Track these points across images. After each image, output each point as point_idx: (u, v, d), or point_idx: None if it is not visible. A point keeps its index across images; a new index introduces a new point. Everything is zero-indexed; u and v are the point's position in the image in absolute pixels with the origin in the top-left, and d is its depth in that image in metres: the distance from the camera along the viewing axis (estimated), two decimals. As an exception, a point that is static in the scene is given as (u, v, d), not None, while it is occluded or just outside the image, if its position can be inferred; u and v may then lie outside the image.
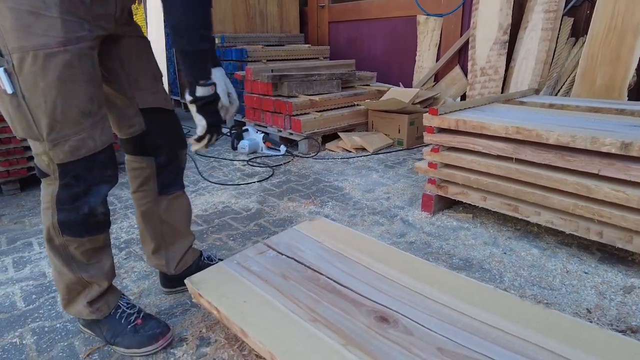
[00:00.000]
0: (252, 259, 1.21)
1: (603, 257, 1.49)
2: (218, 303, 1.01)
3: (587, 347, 0.84)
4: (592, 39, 2.58)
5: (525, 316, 0.93)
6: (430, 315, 0.95)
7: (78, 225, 0.95)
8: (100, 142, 0.92)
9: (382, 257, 1.21)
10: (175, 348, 1.10)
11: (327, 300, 1.01)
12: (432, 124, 1.76)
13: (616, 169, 1.31)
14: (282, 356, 0.82)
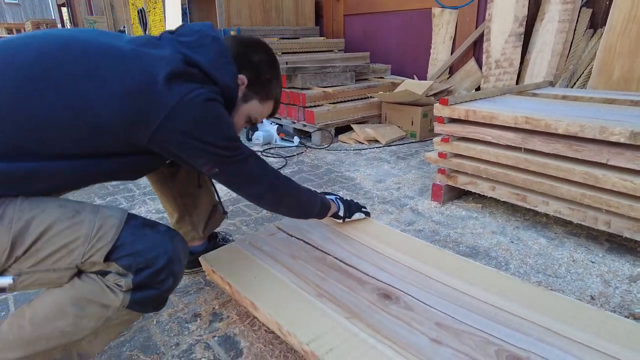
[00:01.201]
0: (263, 240, 1.26)
1: (611, 248, 1.50)
2: (230, 279, 1.07)
3: (583, 326, 0.86)
4: (611, 30, 2.54)
5: (525, 296, 0.96)
6: (431, 294, 0.99)
7: (154, 301, 0.84)
8: (118, 212, 0.82)
9: (388, 239, 1.25)
10: (190, 323, 1.16)
11: (333, 278, 1.06)
12: (443, 114, 1.78)
13: (625, 158, 1.32)
14: (289, 326, 0.88)
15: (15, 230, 0.72)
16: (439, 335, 0.85)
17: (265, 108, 1.06)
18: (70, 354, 0.83)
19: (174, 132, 0.80)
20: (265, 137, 3.05)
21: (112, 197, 2.12)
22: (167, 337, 1.11)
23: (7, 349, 0.78)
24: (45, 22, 13.13)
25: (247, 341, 1.07)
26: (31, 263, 0.74)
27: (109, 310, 0.79)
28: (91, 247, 0.76)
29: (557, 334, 0.84)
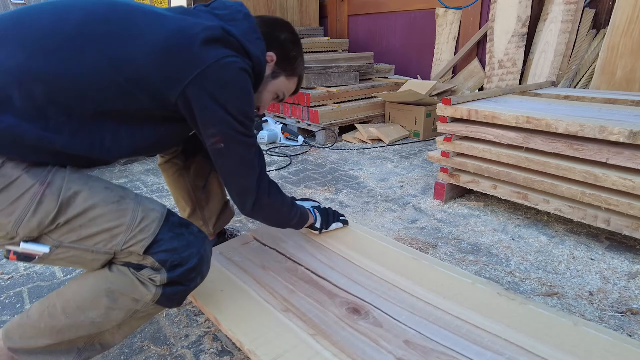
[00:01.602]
0: (235, 250, 1.24)
1: (611, 246, 1.52)
2: (195, 292, 1.04)
3: (559, 344, 0.84)
4: (614, 30, 2.55)
5: (499, 311, 0.94)
6: (402, 308, 0.96)
7: (180, 297, 0.87)
8: (159, 207, 0.85)
9: (364, 249, 1.22)
10: (198, 316, 1.19)
11: (302, 291, 1.04)
12: (446, 113, 1.81)
13: (625, 157, 1.34)
14: (250, 345, 0.87)
15: (64, 197, 0.75)
16: (406, 355, 0.83)
17: (291, 84, 1.10)
18: (93, 343, 0.87)
19: (202, 91, 0.82)
20: (270, 136, 3.08)
21: (120, 194, 2.16)
22: (177, 329, 1.15)
23: (38, 336, 0.82)
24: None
25: (254, 333, 1.11)
26: (73, 239, 0.76)
27: (139, 304, 0.82)
28: (133, 237, 0.78)
29: (531, 353, 0.82)
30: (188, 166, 1.28)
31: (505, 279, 1.34)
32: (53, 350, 0.84)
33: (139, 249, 0.79)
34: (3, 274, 1.44)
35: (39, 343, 0.82)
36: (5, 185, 0.72)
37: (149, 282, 0.81)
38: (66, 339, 0.82)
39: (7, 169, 0.72)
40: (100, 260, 0.80)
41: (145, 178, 2.40)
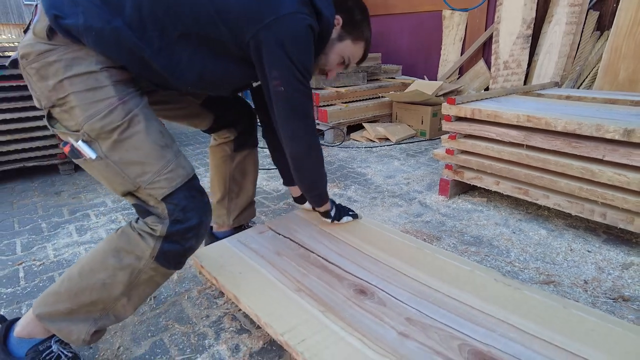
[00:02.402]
0: (252, 237, 1.34)
1: (608, 239, 1.59)
2: (216, 273, 1.15)
3: (546, 323, 0.90)
4: (617, 32, 2.61)
5: (494, 295, 1.01)
6: (404, 290, 1.05)
7: (176, 256, 0.95)
8: (188, 167, 0.95)
9: (372, 239, 1.31)
10: (218, 299, 1.29)
11: (313, 274, 1.13)
12: (450, 112, 1.89)
13: (620, 154, 1.41)
14: (267, 318, 0.96)
15: (129, 117, 0.88)
16: (406, 330, 0.91)
17: (357, 49, 1.16)
18: (107, 314, 0.95)
19: (273, 36, 0.94)
20: (280, 134, 3.17)
21: (138, 189, 2.27)
22: (198, 310, 1.24)
23: (58, 301, 0.92)
24: (63, 23, 13.40)
25: (269, 314, 1.20)
26: (115, 158, 0.88)
27: (141, 262, 0.92)
28: (157, 182, 0.89)
29: (521, 330, 0.89)
30: (234, 157, 1.39)
31: (505, 268, 1.42)
32: (72, 317, 0.93)
33: (158, 194, 0.90)
34: (35, 260, 1.55)
35: (59, 307, 0.92)
36: (94, 87, 0.87)
37: (149, 234, 0.91)
38: (83, 302, 0.92)
39: (101, 76, 0.88)
40: (125, 186, 0.91)
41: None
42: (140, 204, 0.92)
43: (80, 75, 0.86)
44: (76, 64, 0.86)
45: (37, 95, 0.90)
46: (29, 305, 1.28)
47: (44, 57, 0.86)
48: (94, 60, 0.88)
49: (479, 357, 0.82)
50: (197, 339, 1.12)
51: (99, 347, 1.10)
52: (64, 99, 0.86)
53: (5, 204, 2.11)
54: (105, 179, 0.92)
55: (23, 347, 0.93)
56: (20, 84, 2.30)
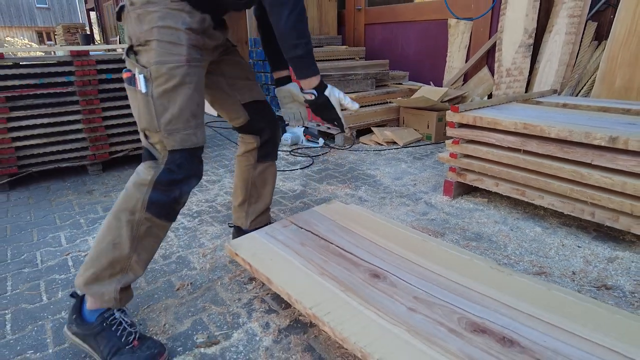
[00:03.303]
0: (278, 230, 1.52)
1: (597, 236, 1.75)
2: (250, 260, 1.33)
3: (533, 301, 1.05)
4: (613, 42, 2.76)
5: (489, 279, 1.17)
6: (412, 275, 1.21)
7: (164, 206, 1.13)
8: (201, 139, 1.16)
9: (384, 232, 1.47)
10: (247, 284, 1.47)
11: (333, 261, 1.30)
12: (454, 119, 2.05)
13: (606, 159, 1.57)
14: (297, 296, 1.13)
15: (185, 78, 1.10)
16: (414, 306, 1.07)
17: None
18: (127, 272, 1.14)
19: None
20: (292, 138, 3.35)
21: (164, 189, 2.46)
22: (230, 294, 1.42)
23: (87, 270, 1.13)
24: (75, 26, 13.76)
25: (293, 297, 1.38)
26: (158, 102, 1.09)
27: (135, 215, 1.11)
28: (174, 136, 1.11)
29: (510, 307, 1.05)
30: (256, 166, 1.55)
31: (502, 261, 1.58)
32: (100, 281, 1.12)
33: (169, 145, 1.11)
34: (80, 251, 1.74)
35: (88, 274, 1.12)
36: (174, 42, 1.09)
37: (140, 184, 1.11)
38: (103, 264, 1.11)
39: (182, 35, 1.10)
40: (149, 124, 1.10)
41: (184, 174, 2.69)
42: (149, 146, 1.13)
43: (167, 27, 1.08)
44: (168, 18, 1.08)
45: (130, 34, 1.12)
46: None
47: (146, 6, 1.08)
48: (182, 20, 1.09)
49: (474, 327, 0.99)
50: (232, 318, 1.30)
51: (147, 324, 1.28)
52: (148, 41, 1.08)
53: (45, 202, 2.31)
54: (138, 110, 1.11)
55: (93, 315, 1.13)
56: (57, 91, 2.50)
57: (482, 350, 0.91)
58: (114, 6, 11.60)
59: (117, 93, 2.73)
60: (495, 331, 0.97)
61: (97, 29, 15.02)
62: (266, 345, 1.18)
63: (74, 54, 2.51)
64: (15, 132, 2.44)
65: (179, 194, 1.14)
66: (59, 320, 1.31)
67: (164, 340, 1.21)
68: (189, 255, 1.69)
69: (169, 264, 1.62)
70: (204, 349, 1.17)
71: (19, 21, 24.71)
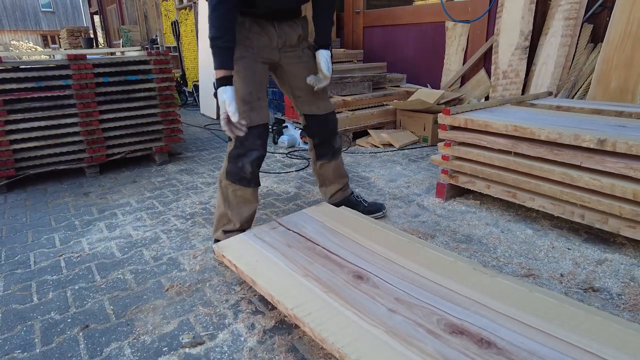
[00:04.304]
0: (266, 232, 1.54)
1: (588, 238, 1.74)
2: (236, 261, 1.35)
3: (512, 303, 1.05)
4: (608, 44, 2.76)
5: (472, 280, 1.18)
6: (395, 276, 1.22)
7: (234, 174, 1.54)
8: (254, 120, 1.48)
9: (371, 234, 1.48)
10: (235, 286, 1.47)
11: (318, 263, 1.31)
12: (446, 122, 2.06)
13: (594, 161, 1.57)
14: (279, 297, 1.15)
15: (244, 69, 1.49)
16: (395, 307, 1.08)
17: None
18: (230, 222, 1.63)
19: None
20: (289, 140, 3.37)
21: (159, 190, 2.48)
22: (218, 295, 1.43)
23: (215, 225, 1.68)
24: (79, 30, 13.87)
25: (280, 299, 1.38)
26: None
27: (222, 183, 1.59)
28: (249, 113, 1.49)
29: (490, 309, 1.05)
30: (316, 162, 1.91)
31: (490, 263, 1.58)
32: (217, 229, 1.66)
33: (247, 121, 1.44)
34: (73, 252, 1.75)
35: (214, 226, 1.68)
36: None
37: (225, 157, 1.58)
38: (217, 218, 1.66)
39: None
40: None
41: (180, 177, 2.71)
42: None
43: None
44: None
45: None
46: (73, 289, 1.48)
47: None
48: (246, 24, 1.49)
49: (452, 328, 0.99)
50: (218, 319, 1.31)
51: (135, 324, 1.29)
52: None
53: (41, 203, 2.33)
54: None
55: None
56: (54, 95, 2.53)
57: (458, 351, 0.92)
58: (118, 10, 11.68)
59: (115, 96, 2.76)
60: (474, 332, 0.97)
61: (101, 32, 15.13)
62: (250, 345, 1.19)
63: (71, 58, 2.53)
64: (13, 135, 2.46)
65: (241, 165, 1.53)
66: (48, 320, 1.32)
67: (149, 340, 1.22)
68: (180, 256, 1.70)
69: (160, 265, 1.64)
70: (189, 349, 1.18)
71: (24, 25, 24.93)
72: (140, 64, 2.82)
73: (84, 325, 1.29)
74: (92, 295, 1.45)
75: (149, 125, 2.93)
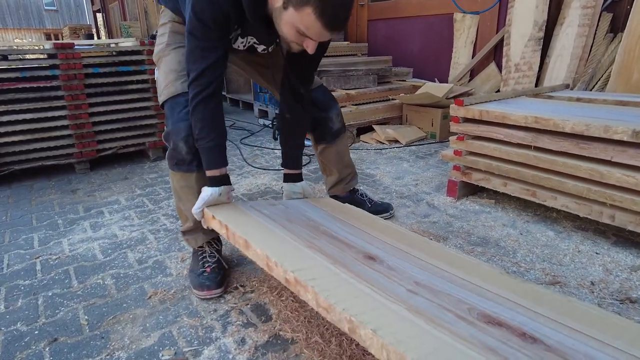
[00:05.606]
0: (264, 207, 1.37)
1: (617, 241, 1.58)
2: (227, 221, 1.16)
3: (554, 308, 0.90)
4: (630, 34, 2.59)
5: (500, 281, 1.01)
6: (412, 265, 1.05)
7: (171, 158, 1.30)
8: (179, 88, 1.28)
9: (378, 227, 1.31)
10: (228, 294, 1.32)
11: (324, 240, 1.14)
12: (458, 114, 1.89)
13: (628, 155, 1.41)
14: (277, 258, 0.97)
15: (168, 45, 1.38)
16: (416, 289, 0.91)
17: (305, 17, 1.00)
18: (187, 220, 1.38)
19: None
20: (290, 136, 3.21)
21: (151, 188, 2.33)
22: (206, 304, 1.27)
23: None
24: (82, 28, 13.77)
25: (275, 309, 1.23)
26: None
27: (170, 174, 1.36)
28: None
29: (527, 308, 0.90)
30: (317, 147, 1.76)
31: (510, 269, 1.42)
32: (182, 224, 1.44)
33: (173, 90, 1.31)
34: (51, 254, 1.60)
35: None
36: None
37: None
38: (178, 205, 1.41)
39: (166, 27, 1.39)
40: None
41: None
42: None
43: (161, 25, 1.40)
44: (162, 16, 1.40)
45: None
46: (46, 296, 1.33)
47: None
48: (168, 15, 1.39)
49: (487, 319, 0.82)
50: (204, 332, 1.15)
51: (110, 337, 1.14)
52: None
53: (24, 201, 2.18)
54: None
55: None
56: (40, 85, 2.38)
57: (500, 341, 0.75)
58: (120, 7, 11.57)
59: (105, 88, 2.61)
60: (514, 326, 0.81)
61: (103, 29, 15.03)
62: (240, 364, 1.03)
63: (57, 47, 2.39)
64: (-4, 128, 2.32)
65: (173, 145, 1.27)
66: (13, 332, 1.17)
67: (124, 357, 1.07)
68: (167, 259, 1.55)
69: (144, 269, 1.48)
70: (169, 369, 1.03)
71: (27, 23, 24.86)
72: (132, 54, 2.67)
73: (52, 338, 1.14)
74: (65, 303, 1.30)
75: (142, 119, 2.78)
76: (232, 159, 2.83)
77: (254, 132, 3.63)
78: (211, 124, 1.22)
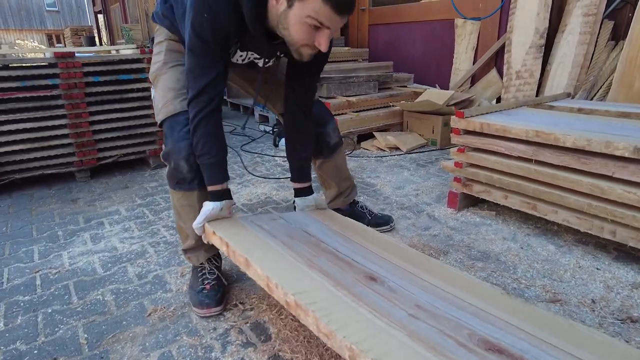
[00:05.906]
0: (265, 221, 1.37)
1: (618, 256, 1.57)
2: (228, 238, 1.17)
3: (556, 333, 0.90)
4: (632, 42, 2.58)
5: (502, 303, 1.01)
6: (413, 286, 1.05)
7: (171, 177, 1.29)
8: (177, 107, 1.27)
9: (379, 243, 1.31)
10: (227, 311, 1.32)
11: (324, 258, 1.14)
12: (459, 126, 1.89)
13: (629, 171, 1.40)
14: (278, 280, 0.97)
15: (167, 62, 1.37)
16: (417, 313, 0.92)
17: (314, 4, 1.00)
18: (188, 237, 1.37)
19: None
20: (291, 143, 3.20)
21: (151, 197, 2.32)
22: (206, 322, 1.27)
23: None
24: (83, 29, 13.78)
25: (275, 327, 1.22)
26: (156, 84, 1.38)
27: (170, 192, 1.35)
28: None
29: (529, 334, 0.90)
30: (315, 162, 1.73)
31: (511, 285, 1.41)
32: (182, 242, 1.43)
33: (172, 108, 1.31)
34: (51, 268, 1.60)
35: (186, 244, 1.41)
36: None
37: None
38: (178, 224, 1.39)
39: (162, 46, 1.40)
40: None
41: (174, 182, 2.55)
42: None
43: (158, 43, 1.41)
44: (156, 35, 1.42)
45: None
46: (45, 313, 1.33)
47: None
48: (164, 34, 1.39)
49: (488, 345, 0.82)
50: (203, 352, 1.15)
51: (110, 358, 1.14)
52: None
53: (25, 211, 2.18)
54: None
55: None
56: (40, 95, 2.39)
57: None
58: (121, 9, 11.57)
59: (105, 97, 2.61)
60: (515, 354, 0.81)
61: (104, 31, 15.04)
62: (239, 387, 1.03)
63: (58, 56, 2.39)
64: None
65: (174, 164, 1.26)
66: (12, 352, 1.17)
67: (123, 379, 1.07)
68: (167, 274, 1.54)
69: (144, 284, 1.48)
70: (168, 391, 1.03)
71: (29, 24, 24.90)
72: (133, 63, 2.67)
73: (52, 358, 1.14)
74: (65, 320, 1.30)
75: (143, 127, 2.78)
76: (233, 166, 2.82)
77: (255, 138, 3.63)
78: (213, 140, 1.23)
